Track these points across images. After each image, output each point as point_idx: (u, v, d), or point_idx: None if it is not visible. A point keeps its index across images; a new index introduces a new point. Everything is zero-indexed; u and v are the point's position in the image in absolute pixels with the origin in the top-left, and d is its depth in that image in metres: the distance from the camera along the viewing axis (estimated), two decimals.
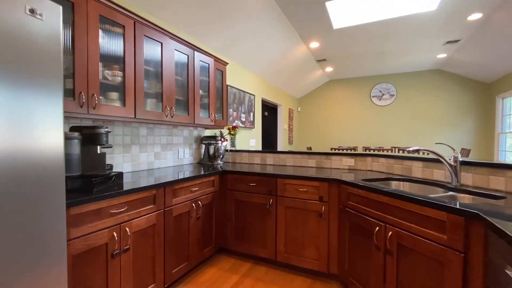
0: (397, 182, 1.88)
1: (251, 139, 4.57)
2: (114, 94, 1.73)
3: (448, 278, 1.11)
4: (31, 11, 0.89)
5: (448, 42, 4.15)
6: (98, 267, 1.31)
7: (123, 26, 1.74)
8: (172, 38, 2.17)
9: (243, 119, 4.23)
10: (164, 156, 2.53)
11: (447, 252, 1.11)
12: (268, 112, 5.94)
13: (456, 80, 5.57)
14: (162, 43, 2.07)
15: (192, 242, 1.99)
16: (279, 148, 6.02)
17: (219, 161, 2.91)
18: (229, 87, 3.76)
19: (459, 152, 4.47)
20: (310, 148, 5.64)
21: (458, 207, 1.07)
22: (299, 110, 7.26)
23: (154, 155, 2.41)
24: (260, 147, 5.00)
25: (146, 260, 1.59)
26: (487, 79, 5.20)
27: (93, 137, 1.44)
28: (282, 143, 6.07)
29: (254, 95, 4.60)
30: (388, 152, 2.72)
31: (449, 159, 1.57)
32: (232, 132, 3.43)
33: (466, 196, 1.45)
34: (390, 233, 1.39)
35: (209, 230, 2.22)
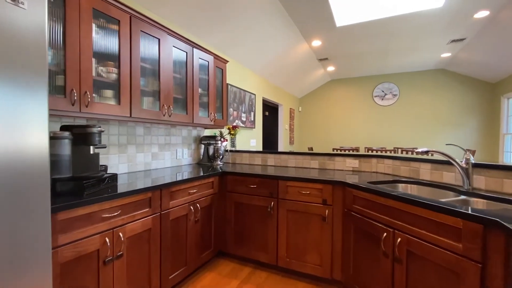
0: (404, 185, 1.80)
1: (252, 139, 4.49)
2: (109, 92, 1.65)
3: None
4: None
5: (453, 41, 4.06)
6: (89, 275, 1.23)
7: (118, 21, 1.66)
8: (170, 34, 2.09)
9: (244, 119, 4.15)
10: (162, 157, 2.45)
11: (463, 262, 1.03)
12: (269, 112, 5.86)
13: (460, 80, 5.48)
14: (160, 39, 1.99)
15: (190, 246, 1.91)
16: (280, 149, 5.93)
17: (219, 162, 2.83)
18: (229, 86, 3.68)
19: (464, 154, 4.38)
20: (311, 149, 5.55)
21: (476, 214, 0.99)
22: (300, 110, 7.18)
23: (152, 156, 2.33)
24: (261, 148, 4.92)
25: (141, 267, 1.51)
26: (492, 79, 5.11)
27: (85, 137, 1.36)
28: (283, 144, 5.99)
29: (255, 94, 4.52)
30: (391, 153, 2.64)
31: (461, 161, 1.49)
32: (232, 132, 3.35)
33: (480, 201, 1.37)
34: (399, 240, 1.31)
35: (208, 234, 2.14)
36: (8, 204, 0.82)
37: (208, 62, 2.59)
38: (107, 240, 1.29)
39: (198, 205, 1.98)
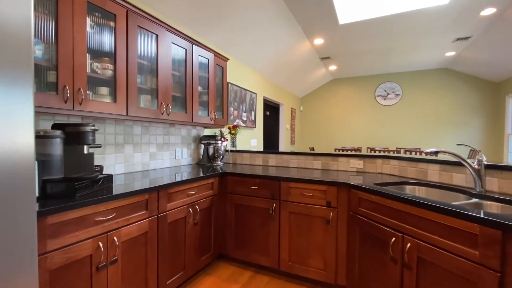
0: (412, 187, 1.73)
1: (253, 139, 4.42)
2: (104, 89, 1.59)
3: None
4: None
5: (458, 39, 3.98)
6: (81, 282, 1.16)
7: (114, 15, 1.59)
8: (169, 31, 2.02)
9: (244, 118, 4.08)
10: (161, 157, 2.38)
11: (480, 270, 0.96)
12: (270, 111, 5.79)
13: (464, 79, 5.40)
14: (158, 35, 1.92)
15: (189, 250, 1.84)
16: (281, 149, 5.86)
17: (219, 162, 2.76)
18: (230, 85, 3.61)
19: (469, 154, 4.31)
20: (313, 149, 5.48)
21: (494, 219, 0.92)
22: (302, 110, 7.10)
23: (150, 156, 2.26)
24: (262, 148, 4.85)
25: (137, 272, 1.45)
26: (496, 78, 5.03)
27: (78, 136, 1.30)
28: (284, 143, 5.91)
29: (256, 94, 4.45)
30: (394, 153, 2.57)
31: (473, 162, 1.42)
32: (233, 132, 3.28)
33: (494, 204, 1.29)
34: (409, 245, 1.24)
35: (208, 236, 2.07)
36: None
37: (208, 60, 2.52)
38: (101, 245, 1.22)
39: (197, 207, 1.92)
